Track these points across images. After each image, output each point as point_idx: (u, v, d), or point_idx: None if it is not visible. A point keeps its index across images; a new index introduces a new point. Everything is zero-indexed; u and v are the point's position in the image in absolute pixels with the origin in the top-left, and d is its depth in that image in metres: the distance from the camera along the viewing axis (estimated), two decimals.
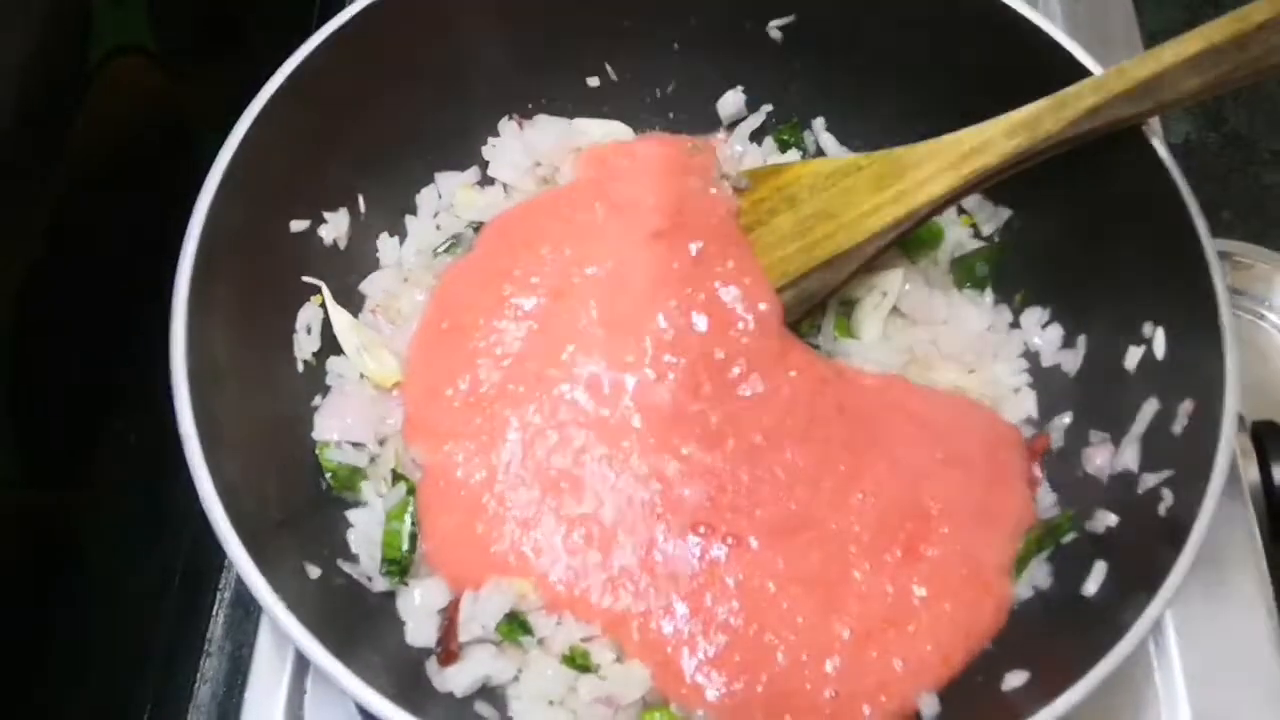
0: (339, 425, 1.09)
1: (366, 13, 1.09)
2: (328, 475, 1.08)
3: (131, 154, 1.16)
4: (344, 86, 1.10)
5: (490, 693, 1.00)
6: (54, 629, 0.99)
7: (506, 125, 1.28)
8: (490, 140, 1.28)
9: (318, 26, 1.07)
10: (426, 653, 1.01)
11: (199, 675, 1.11)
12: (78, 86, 1.08)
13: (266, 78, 1.04)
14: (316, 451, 1.08)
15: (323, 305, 1.13)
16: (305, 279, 1.13)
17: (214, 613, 1.15)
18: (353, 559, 1.05)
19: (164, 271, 0.94)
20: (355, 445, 1.09)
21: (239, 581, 1.15)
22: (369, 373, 1.13)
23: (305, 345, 1.11)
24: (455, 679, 0.98)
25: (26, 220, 1.00)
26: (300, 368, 1.10)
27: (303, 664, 1.06)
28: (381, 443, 1.12)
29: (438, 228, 1.25)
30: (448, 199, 1.26)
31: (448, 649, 1.00)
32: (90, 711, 1.04)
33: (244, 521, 0.88)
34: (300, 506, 1.04)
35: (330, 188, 1.15)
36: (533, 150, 1.27)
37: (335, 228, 1.15)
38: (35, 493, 1.01)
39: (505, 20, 1.20)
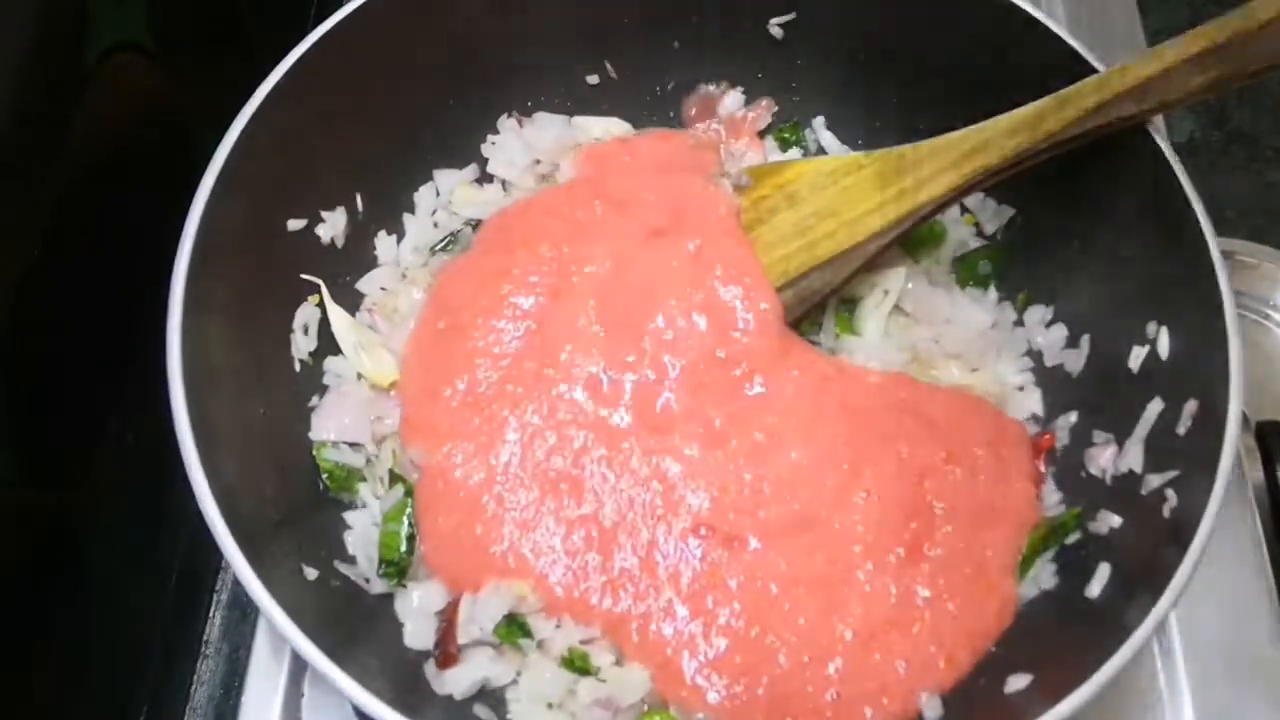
0: (336, 425, 1.09)
1: (363, 10, 1.08)
2: (324, 476, 1.07)
3: (129, 153, 1.15)
4: (341, 85, 1.10)
5: (489, 695, 1.00)
6: (51, 630, 0.99)
7: (506, 123, 1.28)
8: (490, 138, 1.28)
9: (315, 24, 1.07)
10: (425, 655, 1.00)
11: (196, 677, 1.11)
12: (75, 85, 1.07)
13: (264, 76, 1.03)
14: (314, 452, 1.08)
15: (320, 305, 1.13)
16: (304, 277, 1.12)
17: (211, 614, 1.14)
18: (350, 560, 1.04)
19: (162, 271, 0.94)
20: (352, 446, 1.09)
21: (236, 583, 1.14)
22: (366, 372, 1.13)
23: (302, 345, 1.10)
24: (454, 681, 0.98)
25: (24, 219, 1.00)
26: (297, 367, 1.10)
27: (300, 666, 1.06)
28: (379, 443, 1.11)
29: (435, 225, 1.24)
30: (446, 197, 1.25)
31: (446, 651, 0.99)
32: (87, 713, 1.03)
33: (241, 522, 0.88)
34: (298, 507, 1.03)
35: (328, 186, 1.15)
36: (532, 148, 1.27)
37: (333, 226, 1.14)
38: (33, 492, 1.01)
39: (504, 17, 1.19)
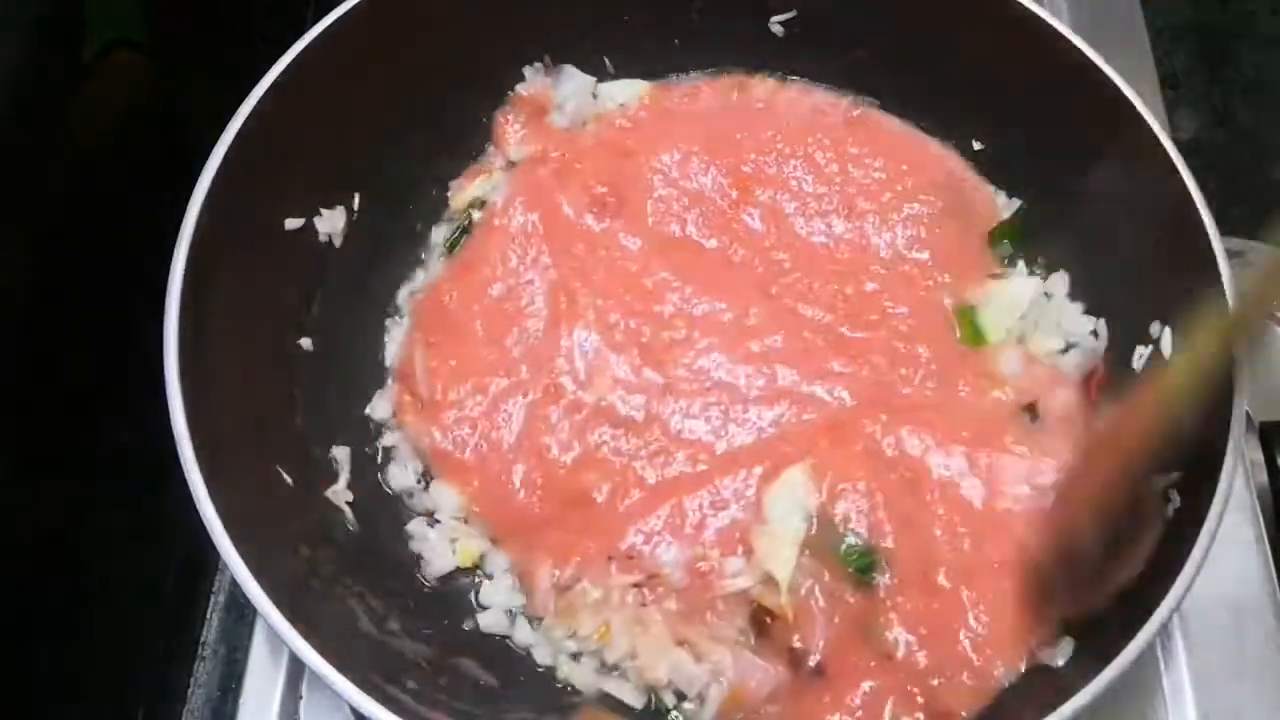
0: None
1: (362, 7, 1.07)
2: None
3: (127, 150, 1.15)
4: (340, 82, 1.09)
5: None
6: (47, 631, 0.99)
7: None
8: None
9: (313, 22, 1.06)
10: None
11: (193, 679, 1.10)
12: (72, 82, 1.07)
13: (262, 73, 1.03)
14: None
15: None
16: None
17: (208, 616, 1.14)
18: None
19: (159, 269, 0.94)
20: None
21: (233, 584, 1.13)
22: None
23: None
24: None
25: (21, 217, 1.00)
26: None
27: (298, 668, 1.05)
28: None
29: None
30: None
31: None
32: (84, 715, 1.03)
33: (238, 523, 0.87)
34: (296, 509, 1.03)
35: (326, 184, 1.14)
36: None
37: (331, 225, 1.14)
38: (29, 493, 1.00)
39: (501, 16, 1.18)
